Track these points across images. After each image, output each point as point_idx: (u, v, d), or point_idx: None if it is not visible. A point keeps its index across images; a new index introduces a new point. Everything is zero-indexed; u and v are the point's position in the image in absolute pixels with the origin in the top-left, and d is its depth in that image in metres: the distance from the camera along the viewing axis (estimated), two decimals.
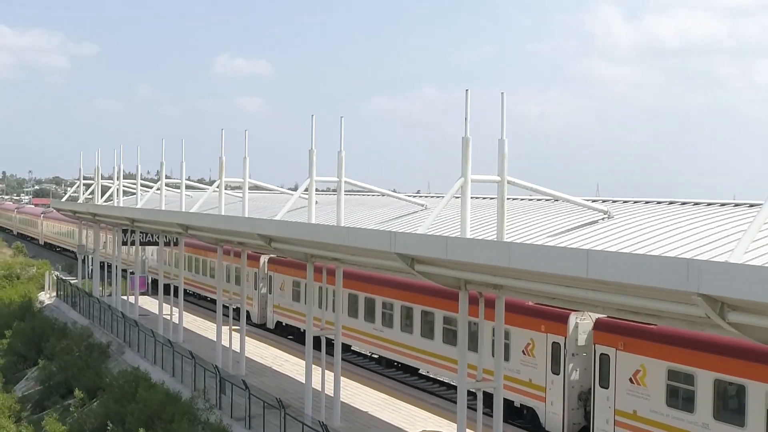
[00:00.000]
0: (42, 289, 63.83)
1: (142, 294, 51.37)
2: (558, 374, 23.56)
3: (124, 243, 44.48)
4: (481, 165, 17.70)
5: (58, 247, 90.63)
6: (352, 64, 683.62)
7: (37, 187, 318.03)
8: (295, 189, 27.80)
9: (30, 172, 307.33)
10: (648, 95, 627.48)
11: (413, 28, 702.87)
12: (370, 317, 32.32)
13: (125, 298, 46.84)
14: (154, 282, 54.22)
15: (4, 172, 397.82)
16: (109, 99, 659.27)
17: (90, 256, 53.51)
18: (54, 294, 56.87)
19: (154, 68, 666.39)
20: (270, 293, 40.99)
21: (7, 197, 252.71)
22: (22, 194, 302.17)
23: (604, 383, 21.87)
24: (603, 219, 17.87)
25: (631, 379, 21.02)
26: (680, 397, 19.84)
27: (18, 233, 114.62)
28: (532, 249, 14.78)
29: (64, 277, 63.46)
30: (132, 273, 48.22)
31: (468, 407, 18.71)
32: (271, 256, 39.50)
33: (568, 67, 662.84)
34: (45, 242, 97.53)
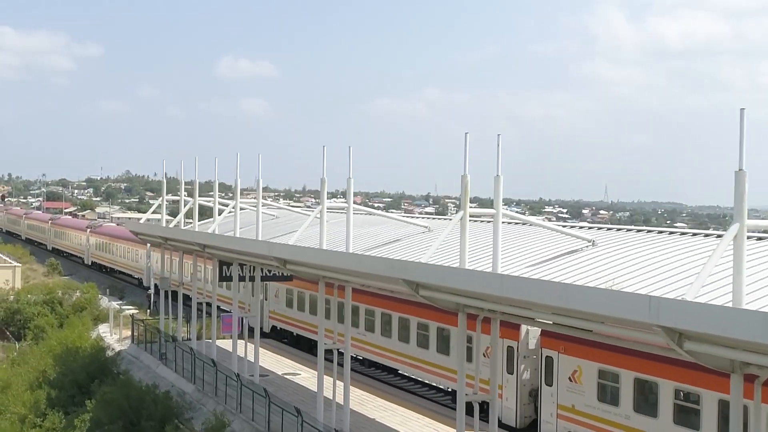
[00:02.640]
0: (96, 319, 52.45)
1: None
2: (512, 374, 25.76)
3: (242, 278, 32.92)
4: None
5: (65, 252, 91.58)
6: (355, 65, 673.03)
7: (43, 189, 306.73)
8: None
9: (44, 175, 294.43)
10: (651, 97, 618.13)
11: (417, 30, 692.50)
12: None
13: (220, 344, 35.82)
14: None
15: (9, 174, 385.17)
16: (112, 100, 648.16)
17: (163, 290, 41.78)
18: (124, 335, 45.37)
19: (158, 69, 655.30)
20: (266, 300, 42.18)
21: (14, 200, 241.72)
22: (29, 197, 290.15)
23: (549, 382, 24.04)
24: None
25: (570, 378, 23.16)
26: (608, 392, 21.93)
27: (26, 238, 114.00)
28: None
29: (129, 309, 52.22)
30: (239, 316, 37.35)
31: None
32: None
33: (571, 69, 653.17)
34: (53, 248, 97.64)
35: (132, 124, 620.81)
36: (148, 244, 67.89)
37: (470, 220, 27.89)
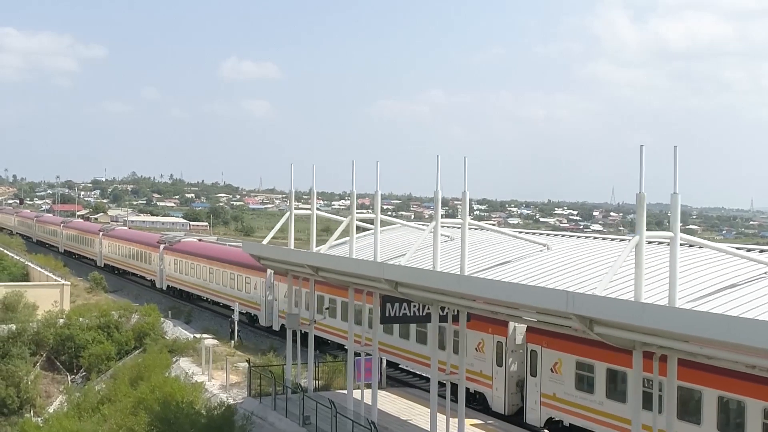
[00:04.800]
0: (171, 351, 43.21)
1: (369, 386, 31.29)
2: (501, 366, 27.38)
3: (443, 319, 23.73)
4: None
5: (75, 254, 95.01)
6: (358, 66, 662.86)
7: (49, 191, 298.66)
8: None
9: (58, 177, 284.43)
10: (654, 98, 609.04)
11: (420, 31, 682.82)
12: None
13: (360, 398, 26.88)
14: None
15: (14, 176, 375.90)
16: (116, 101, 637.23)
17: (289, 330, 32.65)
18: (217, 375, 36.29)
19: (161, 71, 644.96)
20: (275, 300, 44.20)
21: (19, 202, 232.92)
22: (35, 198, 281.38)
23: (534, 373, 25.91)
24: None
25: (552, 369, 25.01)
26: (584, 382, 23.74)
27: (37, 241, 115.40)
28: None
29: (207, 338, 43.34)
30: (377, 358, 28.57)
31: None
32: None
33: (574, 70, 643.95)
34: (65, 250, 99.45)
35: (135, 126, 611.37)
36: (161, 247, 67.00)
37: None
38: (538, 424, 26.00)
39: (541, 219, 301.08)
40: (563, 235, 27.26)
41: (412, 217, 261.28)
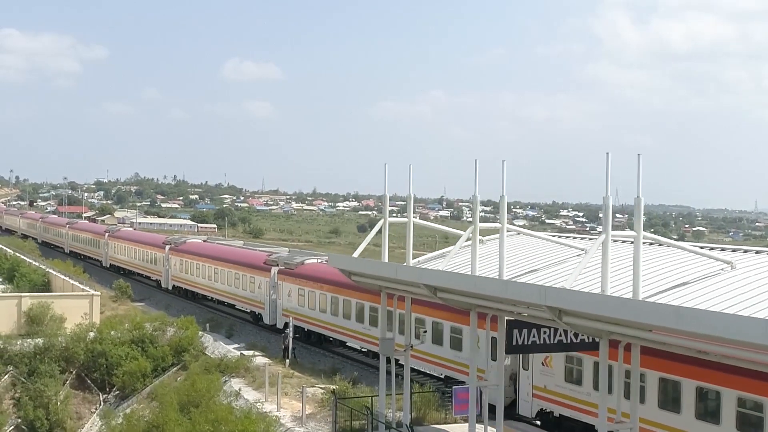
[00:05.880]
0: (223, 372, 38.54)
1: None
2: (495, 361, 26.06)
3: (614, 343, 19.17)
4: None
5: (81, 254, 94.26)
6: (359, 67, 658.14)
7: (52, 192, 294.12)
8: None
9: (65, 178, 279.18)
10: (656, 99, 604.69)
11: (421, 32, 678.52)
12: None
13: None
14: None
15: (17, 177, 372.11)
16: (117, 102, 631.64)
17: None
18: (285, 403, 31.72)
19: (162, 72, 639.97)
20: (279, 299, 46.36)
21: (23, 203, 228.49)
22: (38, 200, 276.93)
23: (526, 366, 27.20)
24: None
25: (543, 363, 26.22)
26: (573, 375, 25.06)
27: (42, 241, 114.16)
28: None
29: (253, 355, 38.97)
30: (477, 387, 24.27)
31: None
32: (281, 267, 47.48)
33: (576, 71, 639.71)
34: (70, 251, 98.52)
35: (137, 127, 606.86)
36: (167, 248, 65.28)
37: None
38: (530, 415, 27.19)
39: (547, 221, 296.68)
40: (734, 249, 22.53)
41: (418, 218, 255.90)
